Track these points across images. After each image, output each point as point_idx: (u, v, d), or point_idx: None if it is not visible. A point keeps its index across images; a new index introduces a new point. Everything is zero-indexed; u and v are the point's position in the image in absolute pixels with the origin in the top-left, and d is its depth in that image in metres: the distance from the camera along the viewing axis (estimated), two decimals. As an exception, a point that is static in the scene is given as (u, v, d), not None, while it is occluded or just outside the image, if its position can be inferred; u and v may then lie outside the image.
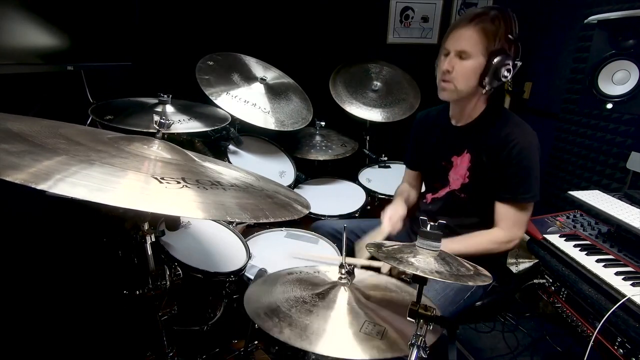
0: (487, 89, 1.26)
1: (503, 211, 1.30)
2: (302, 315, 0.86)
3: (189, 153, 0.95)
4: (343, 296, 0.94)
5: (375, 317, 0.89)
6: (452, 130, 1.42)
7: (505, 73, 1.22)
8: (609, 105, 1.60)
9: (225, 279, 1.28)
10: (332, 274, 1.06)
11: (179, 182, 0.72)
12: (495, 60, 1.21)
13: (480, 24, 1.20)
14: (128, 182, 0.66)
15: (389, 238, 1.44)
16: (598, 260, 1.25)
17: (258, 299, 0.94)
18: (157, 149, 0.86)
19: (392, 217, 1.45)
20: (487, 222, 1.34)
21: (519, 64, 1.25)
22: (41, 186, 0.54)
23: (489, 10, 1.23)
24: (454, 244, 1.28)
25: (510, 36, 1.21)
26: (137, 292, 0.99)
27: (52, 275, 1.73)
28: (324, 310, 0.88)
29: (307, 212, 0.88)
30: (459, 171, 1.37)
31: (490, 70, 1.22)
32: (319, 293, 0.95)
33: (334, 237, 1.59)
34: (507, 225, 1.30)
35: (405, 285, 1.09)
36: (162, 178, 0.71)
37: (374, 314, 0.90)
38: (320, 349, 0.79)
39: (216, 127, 1.69)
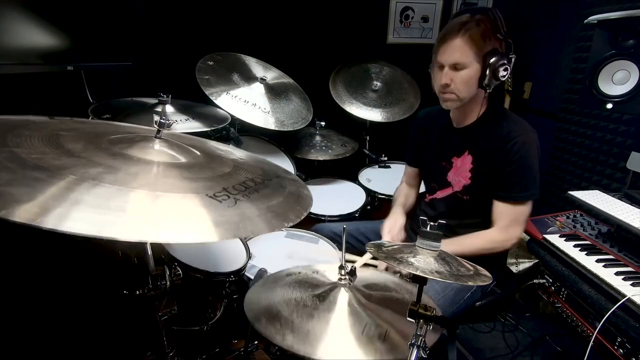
0: (489, 90, 1.26)
1: (501, 210, 1.30)
2: (303, 320, 0.85)
3: (192, 149, 0.94)
4: (344, 297, 0.94)
5: (377, 319, 0.88)
6: (453, 132, 1.41)
7: (503, 72, 1.22)
8: (609, 105, 1.60)
9: (225, 279, 1.28)
10: (332, 274, 1.06)
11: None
12: (491, 61, 1.21)
13: (468, 32, 1.20)
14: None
15: None
16: (598, 260, 1.25)
17: (258, 303, 0.93)
18: (158, 148, 0.85)
19: (392, 229, 1.46)
20: (489, 222, 1.34)
21: (513, 58, 1.25)
22: (48, 225, 0.52)
23: (473, 15, 1.22)
24: (450, 246, 1.28)
25: (498, 35, 1.21)
26: (137, 292, 0.98)
27: (52, 275, 1.73)
28: (325, 313, 0.88)
29: (310, 206, 0.87)
30: (461, 173, 1.37)
31: (488, 72, 1.22)
32: (320, 295, 0.95)
33: (334, 240, 1.59)
34: (505, 224, 1.30)
35: (406, 284, 1.08)
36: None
37: (376, 315, 0.90)
38: (323, 354, 0.78)
39: (216, 127, 1.69)
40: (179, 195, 0.71)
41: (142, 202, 0.65)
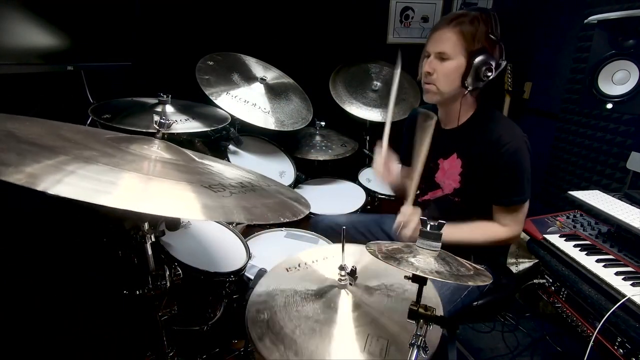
0: (470, 89, 1.26)
1: (500, 213, 1.31)
2: (306, 339, 0.86)
3: (189, 152, 0.95)
4: (345, 302, 0.94)
5: (378, 328, 0.89)
6: (440, 133, 1.41)
7: (487, 73, 1.22)
8: (609, 105, 1.60)
9: (225, 279, 1.28)
10: (331, 272, 1.05)
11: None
12: (476, 60, 1.21)
13: (459, 26, 1.21)
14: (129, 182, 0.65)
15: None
16: (598, 260, 1.25)
17: (261, 315, 0.93)
18: (157, 149, 0.86)
19: (386, 159, 1.47)
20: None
21: (503, 63, 1.25)
22: (40, 187, 0.53)
23: (469, 12, 1.23)
24: (457, 231, 1.27)
25: (491, 36, 1.21)
26: (137, 292, 0.99)
27: (53, 275, 1.73)
28: (327, 327, 0.88)
29: (308, 211, 0.88)
30: (450, 176, 1.37)
31: (472, 70, 1.22)
32: (321, 300, 0.95)
33: (333, 231, 1.58)
34: (506, 223, 1.31)
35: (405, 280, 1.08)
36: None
37: (377, 320, 0.90)
38: None
39: (216, 127, 1.69)
40: (172, 181, 0.71)
41: (134, 180, 0.66)
